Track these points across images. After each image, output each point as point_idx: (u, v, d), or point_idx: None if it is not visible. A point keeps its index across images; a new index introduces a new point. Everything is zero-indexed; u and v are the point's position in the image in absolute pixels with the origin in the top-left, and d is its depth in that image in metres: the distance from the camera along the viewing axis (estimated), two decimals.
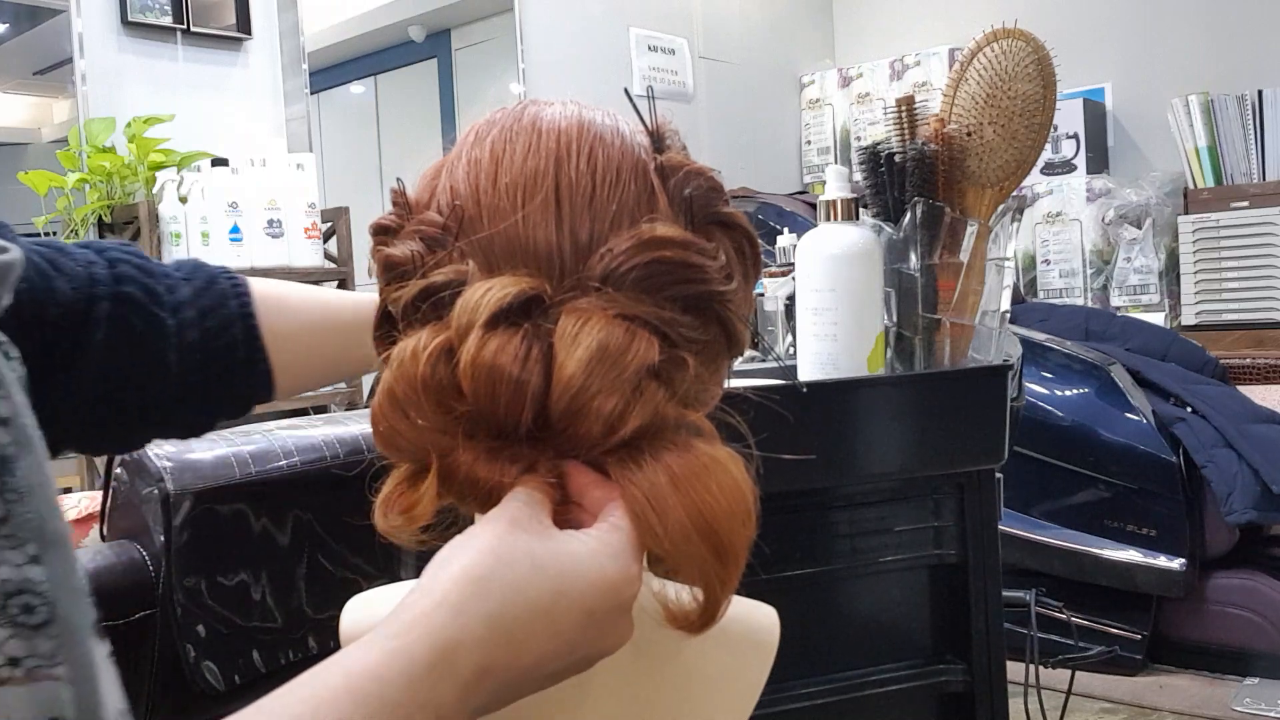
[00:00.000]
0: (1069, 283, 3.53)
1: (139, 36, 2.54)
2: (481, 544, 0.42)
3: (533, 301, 0.47)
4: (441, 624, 0.39)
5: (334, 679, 0.38)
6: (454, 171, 0.52)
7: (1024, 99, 1.14)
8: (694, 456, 0.47)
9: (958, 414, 1.15)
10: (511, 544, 0.42)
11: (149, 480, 0.88)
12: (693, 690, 0.56)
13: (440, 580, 0.41)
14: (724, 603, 0.47)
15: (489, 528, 0.43)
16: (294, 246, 2.46)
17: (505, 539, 0.43)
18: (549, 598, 0.42)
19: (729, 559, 0.46)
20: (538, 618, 0.41)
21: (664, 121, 0.53)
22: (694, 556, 0.45)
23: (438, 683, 0.38)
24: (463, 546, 0.43)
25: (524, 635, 0.41)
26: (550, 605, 0.42)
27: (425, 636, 0.39)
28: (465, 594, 0.40)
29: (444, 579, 0.41)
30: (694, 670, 0.55)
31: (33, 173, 2.21)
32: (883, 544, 1.15)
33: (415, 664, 0.38)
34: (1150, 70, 3.64)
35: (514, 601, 0.41)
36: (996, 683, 1.17)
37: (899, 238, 1.18)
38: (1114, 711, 2.28)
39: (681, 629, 0.47)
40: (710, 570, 0.45)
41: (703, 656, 0.55)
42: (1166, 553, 2.39)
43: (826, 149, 4.20)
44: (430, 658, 0.39)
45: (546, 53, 3.40)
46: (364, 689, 0.37)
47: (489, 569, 0.41)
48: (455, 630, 0.39)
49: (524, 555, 0.42)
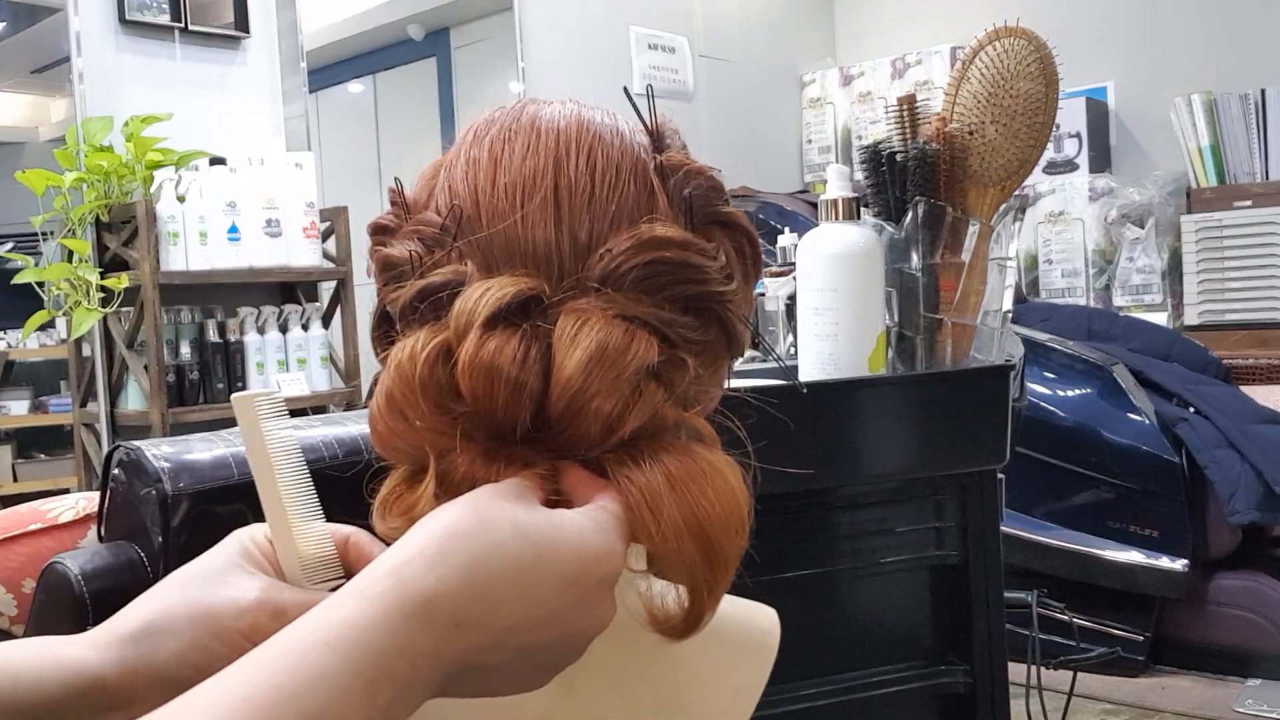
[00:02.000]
0: (1071, 282, 3.53)
1: (137, 35, 2.53)
2: (464, 506, 0.43)
3: (531, 302, 0.47)
4: (416, 574, 0.40)
5: (312, 633, 0.38)
6: (452, 171, 0.52)
7: (1026, 98, 1.14)
8: (692, 460, 0.46)
9: (959, 414, 1.14)
10: (495, 509, 0.43)
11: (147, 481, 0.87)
12: (692, 692, 0.55)
13: (419, 535, 0.41)
14: (709, 610, 0.46)
15: (474, 495, 0.44)
16: (292, 246, 2.46)
17: (488, 504, 0.43)
18: (528, 560, 0.41)
19: (718, 565, 0.45)
20: (515, 579, 0.41)
21: (664, 121, 0.53)
22: (684, 558, 0.45)
23: (414, 631, 0.38)
24: (445, 508, 0.43)
25: (500, 594, 0.41)
26: (529, 569, 0.41)
27: (400, 586, 0.39)
28: (443, 548, 0.40)
29: (423, 534, 0.41)
30: (693, 671, 0.55)
31: (30, 172, 2.20)
32: (884, 545, 1.15)
33: (390, 613, 0.38)
34: (1153, 69, 3.64)
35: (492, 558, 0.41)
36: (998, 684, 1.16)
37: (900, 237, 1.18)
38: (1116, 713, 2.28)
39: (665, 634, 0.46)
40: (699, 574, 0.45)
41: (702, 658, 0.55)
42: (1169, 554, 2.38)
43: (828, 148, 4.20)
44: (405, 607, 0.39)
45: (546, 51, 3.39)
46: (342, 639, 0.37)
47: (469, 527, 0.42)
48: (431, 580, 0.39)
49: (506, 519, 0.42)
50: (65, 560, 0.94)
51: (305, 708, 0.35)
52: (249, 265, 2.38)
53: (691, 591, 0.46)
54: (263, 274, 2.42)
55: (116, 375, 2.33)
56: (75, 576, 0.89)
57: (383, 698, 0.37)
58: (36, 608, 0.96)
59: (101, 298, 2.22)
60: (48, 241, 2.28)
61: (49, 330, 2.51)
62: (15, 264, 2.26)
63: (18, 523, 1.33)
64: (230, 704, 0.35)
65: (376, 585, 0.39)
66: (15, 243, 2.35)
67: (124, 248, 2.27)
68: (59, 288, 2.21)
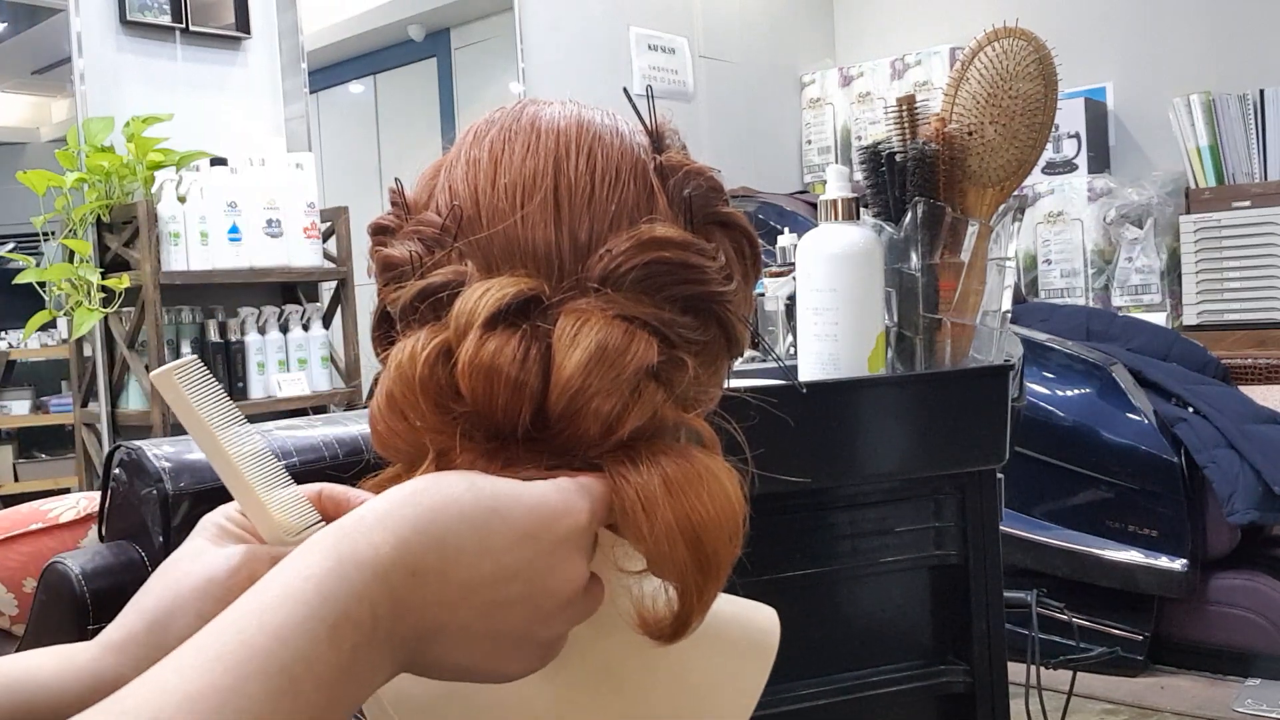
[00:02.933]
0: (1070, 283, 3.53)
1: (138, 36, 2.54)
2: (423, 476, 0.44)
3: (531, 302, 0.47)
4: (367, 527, 0.40)
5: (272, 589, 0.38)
6: (452, 171, 0.52)
7: (1025, 98, 1.14)
8: (689, 464, 0.46)
9: (959, 414, 1.15)
10: (452, 474, 0.43)
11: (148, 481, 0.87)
12: (691, 692, 0.55)
13: (376, 499, 0.42)
14: (698, 615, 0.46)
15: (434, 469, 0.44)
16: (293, 246, 2.46)
17: (447, 473, 0.44)
18: (483, 514, 0.42)
19: (709, 570, 0.45)
20: (471, 531, 0.41)
21: (664, 121, 0.53)
22: (676, 562, 0.45)
23: (368, 578, 0.39)
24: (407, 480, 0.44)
25: (456, 545, 0.41)
26: (484, 521, 0.42)
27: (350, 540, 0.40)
28: (393, 507, 0.41)
29: (380, 497, 0.42)
30: (692, 672, 0.55)
31: (31, 172, 2.20)
32: (884, 544, 1.15)
33: (344, 562, 0.39)
34: (1152, 69, 3.64)
35: (445, 511, 0.41)
36: (998, 684, 1.17)
37: (900, 237, 1.18)
38: (1115, 712, 2.28)
39: (653, 637, 0.46)
40: (690, 578, 0.45)
41: (701, 658, 0.55)
42: (1168, 553, 2.38)
43: (827, 148, 4.20)
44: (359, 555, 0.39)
45: (546, 52, 3.40)
46: (301, 589, 0.38)
47: (424, 485, 0.42)
48: (380, 532, 0.40)
49: (461, 479, 0.43)
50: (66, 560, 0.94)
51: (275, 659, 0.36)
52: (250, 265, 2.38)
53: (681, 595, 0.46)
54: (263, 274, 2.43)
55: (117, 375, 2.33)
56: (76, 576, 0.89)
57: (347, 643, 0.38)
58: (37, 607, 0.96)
59: (102, 298, 2.22)
60: (49, 242, 2.28)
61: (50, 330, 2.52)
62: (17, 264, 2.27)
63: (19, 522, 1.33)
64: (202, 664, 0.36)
65: (328, 539, 0.40)
66: (16, 243, 2.36)
67: (125, 248, 2.27)
68: (60, 288, 2.21)
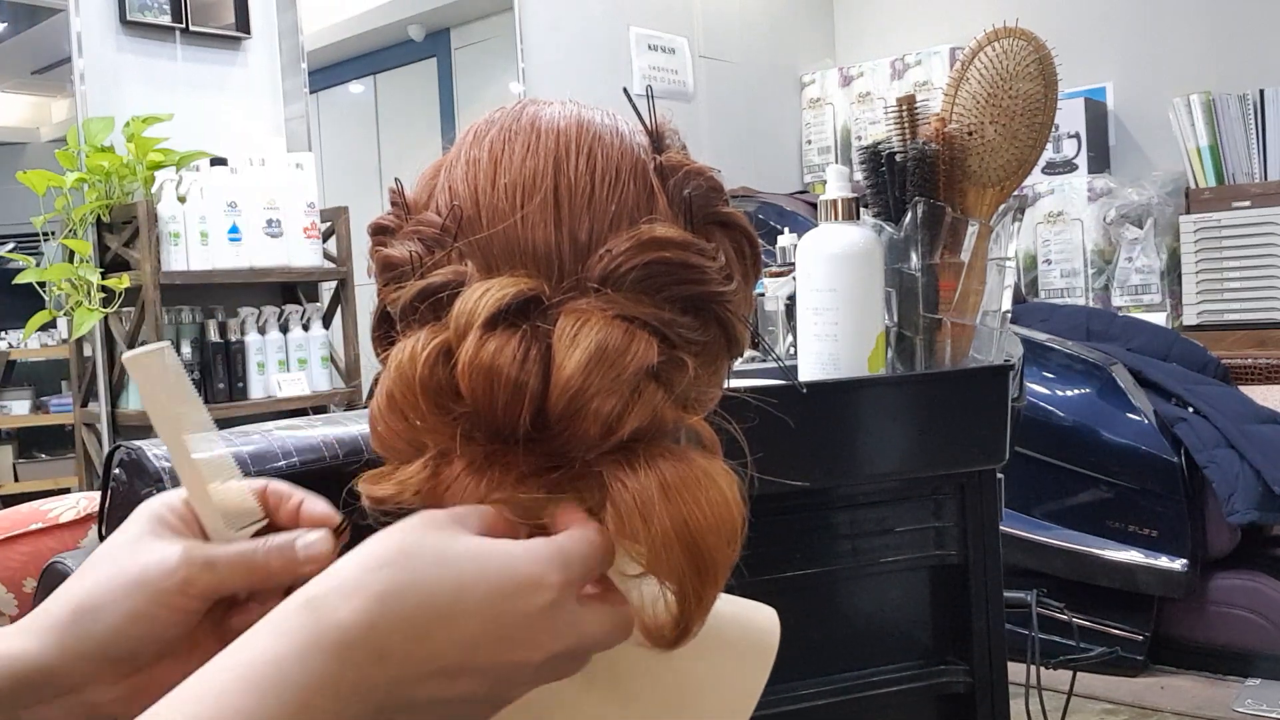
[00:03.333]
0: (1070, 283, 3.53)
1: (138, 36, 2.54)
2: (390, 536, 0.42)
3: (531, 302, 0.47)
4: (331, 605, 0.39)
5: (230, 670, 0.37)
6: (452, 171, 0.52)
7: (1025, 98, 1.14)
8: (688, 468, 0.46)
9: (959, 414, 1.15)
10: (421, 538, 0.42)
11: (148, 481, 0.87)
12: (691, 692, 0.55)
13: (340, 565, 0.41)
14: (698, 619, 0.46)
15: (404, 523, 0.43)
16: (293, 246, 2.46)
17: (416, 534, 0.42)
18: (449, 593, 0.41)
19: (707, 574, 0.45)
20: (437, 612, 0.40)
21: (664, 121, 0.53)
22: (673, 566, 0.45)
23: (331, 665, 0.38)
24: (373, 538, 0.43)
25: (423, 627, 0.40)
26: (450, 601, 0.41)
27: (315, 619, 0.39)
28: (361, 579, 0.40)
29: (344, 563, 0.41)
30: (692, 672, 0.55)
31: (31, 172, 2.20)
32: (884, 544, 1.15)
33: (308, 647, 0.38)
34: (1152, 69, 3.64)
35: (412, 589, 0.40)
36: (998, 684, 1.17)
37: (900, 237, 1.18)
38: (1115, 712, 2.28)
39: (656, 644, 0.46)
40: (687, 583, 0.45)
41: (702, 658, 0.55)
42: (1168, 553, 2.38)
43: (827, 148, 4.20)
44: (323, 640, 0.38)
45: (546, 52, 3.40)
46: (261, 676, 0.37)
47: (391, 557, 0.41)
48: (346, 611, 0.39)
49: (430, 549, 0.42)
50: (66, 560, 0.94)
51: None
52: (250, 265, 2.38)
53: (680, 600, 0.45)
54: (263, 274, 2.43)
55: (117, 375, 2.33)
56: None
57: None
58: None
59: (102, 298, 2.22)
60: (49, 242, 2.28)
61: (50, 330, 2.52)
62: (17, 264, 2.27)
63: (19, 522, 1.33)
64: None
65: (292, 618, 0.39)
66: (16, 243, 2.36)
67: (125, 248, 2.27)
68: (60, 288, 2.21)
